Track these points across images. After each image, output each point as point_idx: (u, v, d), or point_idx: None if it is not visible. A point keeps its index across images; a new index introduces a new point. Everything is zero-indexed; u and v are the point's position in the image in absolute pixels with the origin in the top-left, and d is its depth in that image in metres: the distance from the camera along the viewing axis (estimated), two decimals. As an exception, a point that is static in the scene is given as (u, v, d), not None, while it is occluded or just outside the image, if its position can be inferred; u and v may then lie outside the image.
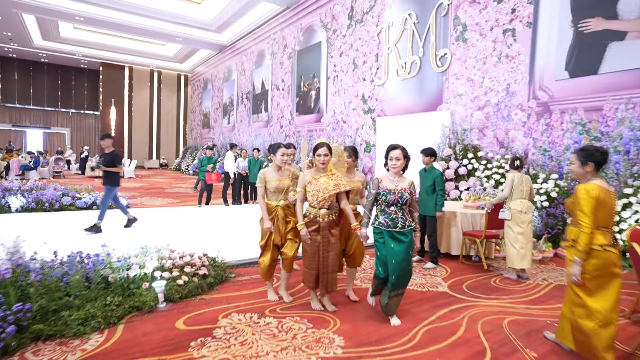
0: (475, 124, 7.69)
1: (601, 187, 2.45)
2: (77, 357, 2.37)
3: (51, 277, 2.76)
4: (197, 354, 2.48)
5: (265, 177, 3.36)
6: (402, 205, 2.95)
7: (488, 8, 7.45)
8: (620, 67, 5.59)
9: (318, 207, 3.06)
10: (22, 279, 2.68)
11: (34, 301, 2.59)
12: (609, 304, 2.41)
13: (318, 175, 3.09)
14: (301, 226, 3.07)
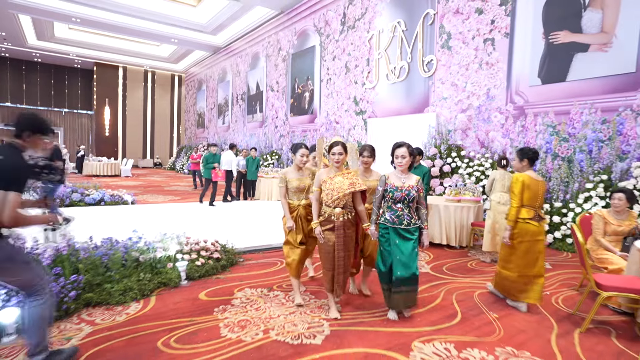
0: (459, 125, 8.31)
1: (529, 176, 3.30)
2: (123, 319, 2.90)
3: (95, 256, 3.27)
4: (220, 316, 3.02)
5: (286, 177, 3.36)
6: (408, 202, 2.97)
7: (470, 18, 8.08)
8: (584, 76, 6.25)
9: (333, 206, 3.01)
10: (72, 256, 3.18)
11: (83, 275, 3.10)
12: (526, 262, 3.31)
13: (333, 174, 3.06)
14: (315, 225, 3.06)
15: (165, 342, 2.57)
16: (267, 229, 6.19)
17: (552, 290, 3.92)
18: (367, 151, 3.41)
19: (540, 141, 6.85)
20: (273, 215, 7.70)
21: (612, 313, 3.36)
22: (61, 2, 15.78)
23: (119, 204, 8.19)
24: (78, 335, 2.60)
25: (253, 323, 2.91)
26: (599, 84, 6.09)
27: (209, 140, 22.11)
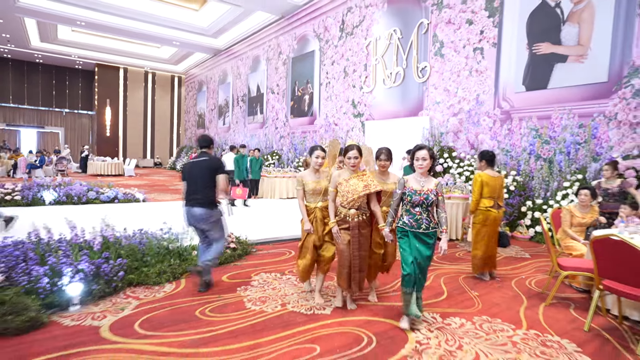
0: (451, 128, 8.89)
1: (487, 174, 4.21)
2: (162, 295, 3.43)
3: (133, 243, 3.80)
4: (243, 293, 3.56)
5: (303, 179, 3.41)
6: (427, 206, 2.90)
7: (461, 28, 8.65)
8: (563, 84, 6.84)
9: (348, 207, 3.11)
10: (115, 244, 3.72)
11: (125, 259, 3.63)
12: (488, 243, 4.18)
13: (349, 176, 3.15)
14: (332, 224, 3.16)
15: (201, 312, 3.12)
16: (275, 223, 6.73)
17: (527, 274, 4.51)
18: (383, 154, 3.39)
19: (524, 143, 7.44)
20: (278, 211, 8.24)
21: (574, 292, 3.95)
22: (67, 7, 16.22)
23: (132, 201, 8.70)
24: (129, 306, 3.14)
25: (271, 299, 3.46)
26: (576, 91, 6.69)
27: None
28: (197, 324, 2.88)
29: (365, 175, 3.14)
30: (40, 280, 2.88)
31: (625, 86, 6.04)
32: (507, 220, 7.06)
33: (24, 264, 2.96)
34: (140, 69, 27.63)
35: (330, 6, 12.78)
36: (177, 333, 2.72)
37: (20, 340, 2.54)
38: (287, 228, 6.40)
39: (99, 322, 2.84)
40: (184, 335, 2.70)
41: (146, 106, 28.28)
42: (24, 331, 2.62)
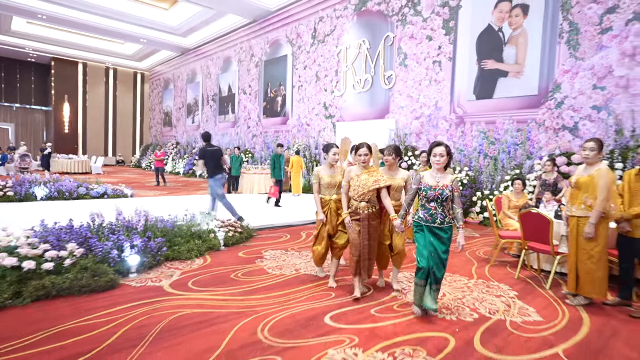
0: (413, 129, 10.15)
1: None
2: (196, 266, 4.23)
3: (167, 226, 4.55)
4: (261, 263, 4.44)
5: (319, 174, 3.76)
6: (442, 201, 2.98)
7: (422, 43, 9.92)
8: (505, 95, 8.27)
9: (359, 200, 3.38)
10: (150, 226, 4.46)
11: (162, 238, 4.38)
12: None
13: (360, 172, 3.43)
14: (345, 215, 3.44)
15: (235, 275, 3.97)
16: (266, 213, 7.57)
17: (478, 248, 5.74)
18: (387, 150, 3.62)
19: (475, 144, 8.82)
20: (260, 203, 9.06)
21: (509, 257, 5.21)
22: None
23: (120, 196, 9.13)
24: (176, 273, 3.93)
25: (285, 266, 4.37)
26: (514, 101, 8.13)
27: (177, 138, 22.69)
28: (235, 283, 3.74)
29: (375, 171, 3.44)
30: (111, 252, 3.60)
31: (550, 99, 7.53)
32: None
33: (94, 240, 3.66)
34: (101, 64, 26.93)
35: (302, 14, 13.69)
36: (223, 289, 3.57)
37: (108, 294, 3.28)
38: (279, 217, 7.28)
39: (159, 284, 3.62)
40: (229, 290, 3.56)
41: (107, 102, 27.61)
42: (106, 289, 3.36)
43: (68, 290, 3.19)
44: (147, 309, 3.02)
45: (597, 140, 3.40)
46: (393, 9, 10.59)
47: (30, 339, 2.49)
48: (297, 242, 5.68)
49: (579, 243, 3.42)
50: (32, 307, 2.98)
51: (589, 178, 3.35)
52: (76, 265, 3.40)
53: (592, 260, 3.33)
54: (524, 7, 7.95)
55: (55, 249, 3.44)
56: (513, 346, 2.65)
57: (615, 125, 6.70)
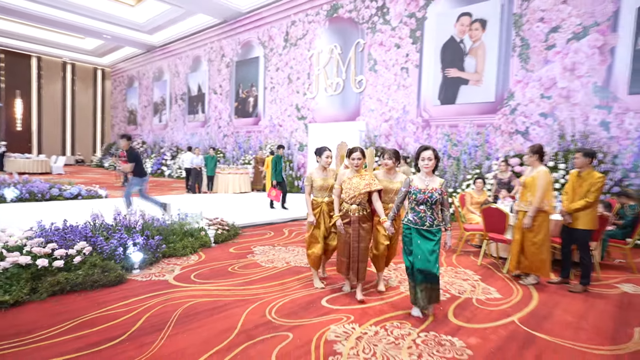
0: (383, 131, 10.79)
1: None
2: (193, 262, 4.51)
3: (163, 225, 4.79)
4: (253, 258, 4.80)
5: (312, 176, 3.81)
6: (431, 204, 3.03)
7: (391, 50, 10.57)
8: (466, 101, 9.06)
9: (350, 203, 3.43)
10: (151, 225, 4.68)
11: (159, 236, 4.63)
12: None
13: (352, 175, 3.48)
14: (336, 217, 3.50)
15: (232, 269, 4.31)
16: (247, 212, 7.86)
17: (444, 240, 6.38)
18: (387, 154, 3.67)
19: (439, 145, 9.57)
20: (244, 203, 9.32)
21: (472, 248, 5.90)
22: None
23: (95, 197, 9.05)
24: (177, 268, 4.20)
25: (276, 260, 4.76)
26: (475, 107, 8.94)
27: (142, 137, 22.17)
28: (234, 276, 4.09)
29: (367, 175, 3.47)
30: (117, 249, 3.82)
31: (505, 106, 8.38)
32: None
33: (100, 239, 3.86)
34: (57, 59, 25.69)
35: (274, 17, 13.98)
36: (224, 281, 3.91)
37: (118, 288, 3.53)
38: (260, 215, 7.61)
39: (163, 278, 3.90)
40: (230, 281, 3.90)
41: (65, 99, 26.39)
42: (116, 284, 3.60)
43: (81, 285, 3.42)
44: (160, 300, 3.32)
45: (535, 146, 4.09)
46: (363, 17, 11.16)
47: (57, 329, 2.73)
48: (282, 238, 6.07)
49: (524, 232, 4.10)
50: (49, 301, 3.19)
51: (532, 179, 4.03)
52: (85, 263, 3.61)
53: (535, 246, 4.03)
54: (482, 22, 8.76)
55: (62, 248, 3.63)
56: (479, 317, 3.22)
57: (559, 130, 7.62)
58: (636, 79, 6.82)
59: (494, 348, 2.69)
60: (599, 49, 7.21)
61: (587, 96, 7.35)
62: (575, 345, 2.78)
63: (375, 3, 10.85)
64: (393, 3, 10.42)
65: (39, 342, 2.52)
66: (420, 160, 3.07)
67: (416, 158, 3.15)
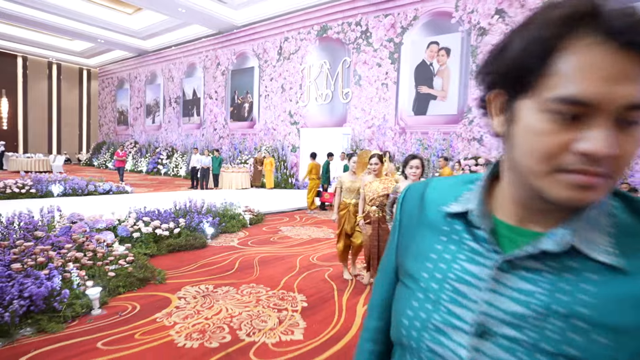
0: (366, 136, 12.75)
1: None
2: (242, 236, 6.25)
3: (217, 210, 6.51)
4: (282, 233, 6.59)
5: (342, 180, 4.16)
6: None
7: (373, 68, 12.54)
8: (435, 113, 11.17)
9: (370, 205, 3.71)
10: (213, 208, 6.39)
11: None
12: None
13: (372, 180, 3.74)
14: (360, 218, 3.80)
15: (272, 239, 6.10)
16: (258, 204, 9.59)
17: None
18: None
19: (413, 149, 11.63)
20: (262, 197, 11.04)
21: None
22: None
23: (123, 193, 10.50)
24: (235, 239, 5.95)
25: (301, 234, 6.58)
26: (441, 118, 11.06)
27: (134, 137, 23.19)
28: (277, 244, 5.88)
29: (386, 179, 3.76)
30: (199, 225, 5.54)
31: (465, 118, 10.54)
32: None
33: (188, 218, 5.56)
34: (44, 59, 26.14)
35: (268, 33, 15.66)
36: (272, 246, 5.69)
37: (206, 249, 5.26)
38: (272, 206, 9.36)
39: (230, 244, 5.64)
40: (276, 246, 5.69)
41: (51, 99, 26.87)
42: (202, 247, 5.33)
43: (184, 247, 5.13)
44: (239, 254, 5.09)
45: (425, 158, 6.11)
46: (350, 39, 13.08)
47: (189, 268, 4.46)
48: (297, 221, 7.89)
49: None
50: (168, 257, 4.89)
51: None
52: (181, 234, 5.32)
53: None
54: (447, 49, 10.87)
55: (165, 223, 5.31)
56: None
57: (505, 138, 9.82)
58: (559, 101, 9.09)
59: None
60: (533, 77, 9.44)
61: (525, 112, 9.58)
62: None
63: (359, 27, 12.80)
64: (375, 29, 12.40)
65: (187, 273, 4.26)
66: (409, 168, 3.30)
67: (404, 165, 3.38)
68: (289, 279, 4.20)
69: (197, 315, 3.17)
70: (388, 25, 12.10)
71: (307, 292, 3.81)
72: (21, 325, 2.66)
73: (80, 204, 8.15)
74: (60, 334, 2.73)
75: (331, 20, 13.53)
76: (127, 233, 4.67)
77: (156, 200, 8.87)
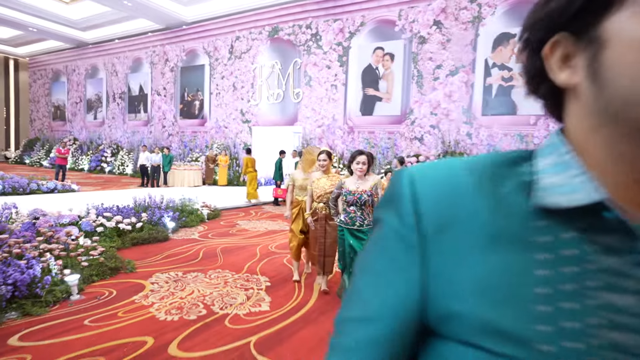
0: (316, 135, 13.36)
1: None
2: (202, 230, 6.54)
3: (176, 205, 6.71)
4: (240, 227, 6.97)
5: (294, 177, 4.13)
6: (361, 205, 3.15)
7: (323, 70, 13.16)
8: (381, 114, 12.05)
9: (317, 201, 3.67)
10: (171, 203, 6.57)
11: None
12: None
13: (320, 176, 3.71)
14: (307, 215, 3.77)
15: (231, 232, 6.45)
16: (213, 200, 9.80)
17: (365, 215, 9.17)
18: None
19: (361, 147, 12.43)
20: (201, 194, 11.17)
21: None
22: None
23: (69, 191, 10.14)
24: (195, 232, 6.22)
25: (257, 227, 6.99)
26: (386, 118, 11.96)
27: (73, 134, 21.89)
28: (236, 235, 6.26)
29: (334, 176, 3.72)
30: (160, 220, 5.75)
31: (407, 119, 11.51)
32: (353, 193, 11.95)
33: (149, 213, 5.74)
34: (-37, 46, 23.69)
35: (219, 31, 15.70)
36: (232, 237, 6.06)
37: (168, 242, 5.50)
38: (227, 201, 9.62)
39: (191, 237, 5.92)
40: (236, 237, 6.07)
41: (-28, 91, 24.41)
42: (164, 240, 5.56)
43: (147, 240, 5.34)
44: (202, 245, 5.42)
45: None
46: (300, 41, 13.59)
47: (154, 259, 4.73)
48: (253, 216, 8.27)
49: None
50: (132, 249, 5.09)
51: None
52: (144, 228, 5.52)
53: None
54: (391, 55, 11.78)
55: (127, 218, 5.48)
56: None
57: (441, 138, 10.92)
58: (485, 105, 10.32)
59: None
60: (464, 83, 10.61)
61: (458, 115, 10.73)
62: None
63: (310, 30, 13.35)
64: (325, 32, 13.02)
65: (154, 263, 4.54)
66: (355, 164, 3.25)
67: (350, 161, 3.32)
68: (251, 264, 4.64)
69: (172, 296, 3.52)
70: (337, 29, 12.78)
71: (269, 274, 4.28)
72: (7, 310, 2.87)
73: (25, 202, 7.88)
74: (45, 316, 2.96)
75: (282, 22, 13.95)
76: (91, 228, 4.82)
77: (106, 198, 8.74)
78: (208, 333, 2.84)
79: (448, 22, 10.83)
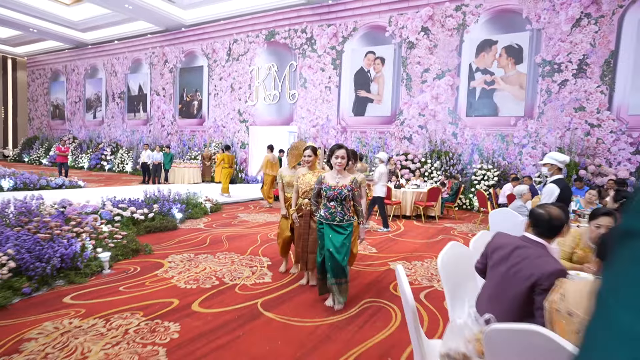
0: (311, 134, 13.99)
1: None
2: (206, 221, 7.15)
3: (184, 198, 7.31)
4: (241, 219, 7.59)
5: (282, 174, 4.09)
6: (341, 200, 3.15)
7: (317, 73, 13.79)
8: (372, 114, 12.71)
9: (302, 197, 3.68)
10: (178, 196, 7.18)
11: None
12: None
13: (306, 172, 3.71)
14: (292, 211, 3.75)
15: (233, 223, 7.07)
16: (213, 196, 10.39)
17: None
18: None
19: (353, 146, 13.09)
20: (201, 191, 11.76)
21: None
22: None
23: (76, 187, 10.67)
24: (200, 223, 6.82)
25: (257, 219, 7.61)
26: (377, 119, 12.62)
27: (72, 132, 22.30)
28: (238, 226, 6.87)
29: (319, 172, 3.68)
30: (169, 211, 6.35)
31: (397, 119, 12.19)
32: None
33: (160, 204, 6.34)
34: (-39, 45, 23.96)
35: (217, 34, 16.25)
36: (234, 227, 6.67)
37: (177, 231, 6.11)
38: (228, 197, 10.23)
39: (198, 226, 6.53)
40: (237, 228, 6.68)
41: (-30, 90, 24.68)
42: (173, 229, 6.17)
43: (158, 228, 5.94)
44: (208, 233, 6.03)
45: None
46: (296, 44, 14.20)
47: (169, 244, 5.34)
48: (252, 210, 8.88)
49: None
50: (147, 236, 5.69)
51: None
52: (155, 218, 6.12)
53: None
54: (382, 59, 12.44)
55: (140, 209, 6.08)
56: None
57: (429, 137, 11.61)
58: (469, 107, 11.02)
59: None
60: (450, 86, 11.31)
61: (445, 116, 11.43)
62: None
63: (305, 34, 13.97)
64: (319, 37, 13.65)
65: (168, 247, 5.15)
66: (334, 158, 3.19)
67: (329, 155, 3.25)
68: (254, 248, 5.27)
69: (188, 271, 4.14)
70: (331, 34, 13.41)
71: (270, 256, 4.91)
72: (55, 278, 3.48)
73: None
74: (85, 285, 3.58)
75: (279, 26, 14.55)
76: (109, 217, 5.41)
77: (113, 193, 9.32)
78: (222, 297, 3.47)
79: (435, 29, 11.51)
